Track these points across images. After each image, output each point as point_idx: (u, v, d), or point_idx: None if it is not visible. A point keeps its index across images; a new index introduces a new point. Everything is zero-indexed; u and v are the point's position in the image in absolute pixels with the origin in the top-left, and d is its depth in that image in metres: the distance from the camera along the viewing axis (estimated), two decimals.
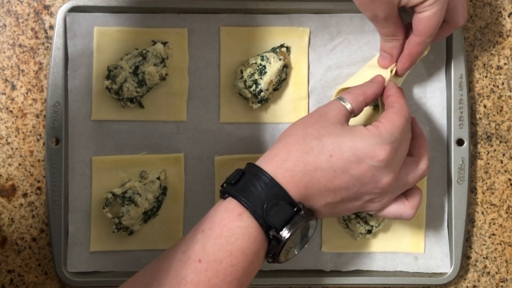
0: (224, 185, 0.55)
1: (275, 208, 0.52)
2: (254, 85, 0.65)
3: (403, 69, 0.62)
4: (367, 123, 0.64)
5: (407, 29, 0.61)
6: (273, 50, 0.67)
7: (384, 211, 0.58)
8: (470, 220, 0.70)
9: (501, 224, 0.70)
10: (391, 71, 0.62)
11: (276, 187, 0.53)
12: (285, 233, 0.53)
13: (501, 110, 0.70)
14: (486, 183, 0.70)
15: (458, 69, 0.67)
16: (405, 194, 0.59)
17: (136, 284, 0.52)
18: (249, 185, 0.53)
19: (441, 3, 0.57)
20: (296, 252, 0.56)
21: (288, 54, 0.67)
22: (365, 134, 0.55)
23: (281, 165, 0.54)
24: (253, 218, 0.52)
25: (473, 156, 0.69)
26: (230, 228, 0.52)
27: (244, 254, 0.52)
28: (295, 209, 0.53)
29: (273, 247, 0.53)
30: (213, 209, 0.54)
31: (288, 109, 0.68)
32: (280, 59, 0.65)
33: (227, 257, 0.51)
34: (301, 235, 0.55)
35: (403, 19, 0.60)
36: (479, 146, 0.70)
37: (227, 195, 0.54)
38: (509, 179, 0.70)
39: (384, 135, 0.55)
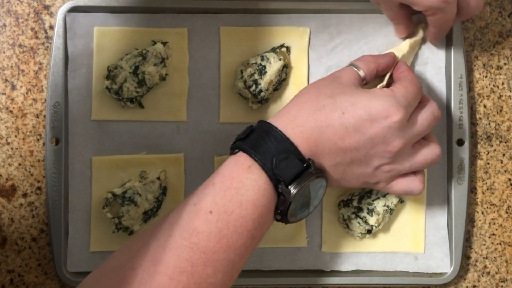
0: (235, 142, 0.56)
1: (284, 162, 0.53)
2: (254, 85, 0.65)
3: (434, 40, 0.66)
4: None
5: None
6: (273, 50, 0.67)
7: (394, 186, 0.58)
8: (470, 220, 0.70)
9: (501, 224, 0.70)
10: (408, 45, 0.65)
11: (286, 142, 0.53)
12: (293, 188, 0.53)
13: (501, 110, 0.70)
14: (486, 183, 0.70)
15: (458, 69, 0.67)
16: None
17: (146, 236, 0.53)
18: (258, 140, 0.54)
19: (444, 10, 0.58)
20: (304, 214, 0.56)
21: (288, 54, 0.67)
22: (380, 94, 0.55)
23: (292, 121, 0.55)
24: (262, 171, 0.53)
25: (473, 156, 0.69)
26: (240, 180, 0.52)
27: (254, 205, 0.52)
28: (305, 165, 0.53)
29: (282, 202, 0.53)
30: (223, 164, 0.55)
31: None
32: (280, 59, 0.65)
33: (237, 208, 0.52)
34: (311, 195, 0.55)
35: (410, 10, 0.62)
36: (479, 146, 0.70)
37: (237, 150, 0.55)
38: (509, 179, 0.70)
39: (399, 98, 0.55)
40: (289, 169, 0.53)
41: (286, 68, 0.66)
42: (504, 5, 0.70)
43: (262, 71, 0.65)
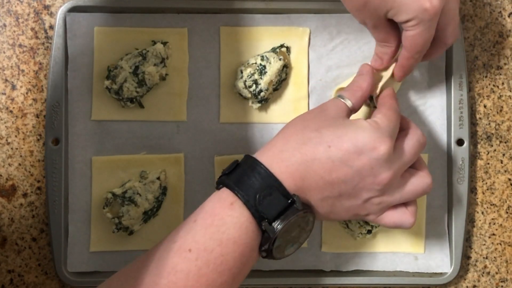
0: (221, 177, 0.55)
1: (268, 198, 0.52)
2: (254, 85, 0.65)
3: (398, 77, 0.62)
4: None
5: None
6: (273, 50, 0.67)
7: (384, 219, 0.57)
8: (470, 220, 0.70)
9: (501, 224, 0.70)
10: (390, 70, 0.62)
11: (270, 178, 0.52)
12: (277, 225, 0.52)
13: (501, 110, 0.70)
14: (486, 183, 0.70)
15: (458, 69, 0.67)
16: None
17: (126, 275, 0.52)
18: (243, 175, 0.53)
19: (426, 25, 0.55)
20: (292, 250, 0.55)
21: (288, 54, 0.67)
22: (365, 126, 0.54)
23: (277, 156, 0.54)
24: (245, 208, 0.52)
25: (473, 156, 0.69)
26: (222, 217, 0.52)
27: (235, 244, 0.51)
28: (289, 200, 0.52)
29: (266, 240, 0.52)
30: (207, 200, 0.54)
31: (288, 109, 0.68)
32: (280, 59, 0.65)
33: (218, 246, 0.51)
34: (298, 231, 0.54)
35: (399, 28, 0.59)
36: (479, 146, 0.70)
37: (221, 186, 0.54)
38: (509, 179, 0.70)
39: (384, 128, 0.54)
40: (273, 205, 0.52)
41: (286, 68, 0.66)
42: (504, 5, 0.70)
43: (262, 71, 0.65)
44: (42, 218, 0.68)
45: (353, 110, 0.58)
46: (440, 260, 0.68)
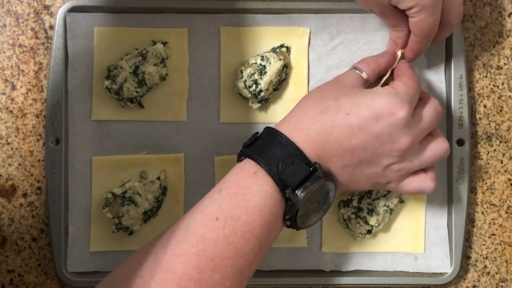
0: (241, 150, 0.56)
1: (290, 167, 0.53)
2: (254, 85, 0.65)
3: (409, 58, 0.63)
4: None
5: None
6: (273, 50, 0.67)
7: (405, 186, 0.58)
8: (470, 220, 0.70)
9: (501, 224, 0.70)
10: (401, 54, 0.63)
11: (292, 146, 0.53)
12: (300, 193, 0.52)
13: (501, 110, 0.70)
14: (486, 183, 0.70)
15: (458, 69, 0.67)
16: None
17: (153, 244, 0.53)
18: (264, 146, 0.54)
19: (429, 10, 0.57)
20: (315, 219, 0.56)
21: (288, 54, 0.67)
22: (382, 92, 0.55)
23: (297, 125, 0.55)
24: (268, 176, 0.53)
25: (473, 156, 0.69)
26: (246, 186, 0.52)
27: (261, 211, 0.52)
28: (311, 168, 0.53)
29: (290, 208, 0.53)
30: (230, 171, 0.55)
31: (288, 109, 0.67)
32: (280, 59, 0.65)
33: (244, 214, 0.52)
34: (320, 199, 0.55)
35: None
36: (479, 146, 0.70)
37: (243, 157, 0.55)
38: (509, 179, 0.70)
39: (402, 94, 0.55)
40: (296, 173, 0.53)
41: (286, 68, 0.66)
42: (504, 5, 0.70)
43: (262, 71, 0.65)
44: (42, 218, 0.68)
45: (367, 81, 0.59)
46: (440, 260, 0.68)
